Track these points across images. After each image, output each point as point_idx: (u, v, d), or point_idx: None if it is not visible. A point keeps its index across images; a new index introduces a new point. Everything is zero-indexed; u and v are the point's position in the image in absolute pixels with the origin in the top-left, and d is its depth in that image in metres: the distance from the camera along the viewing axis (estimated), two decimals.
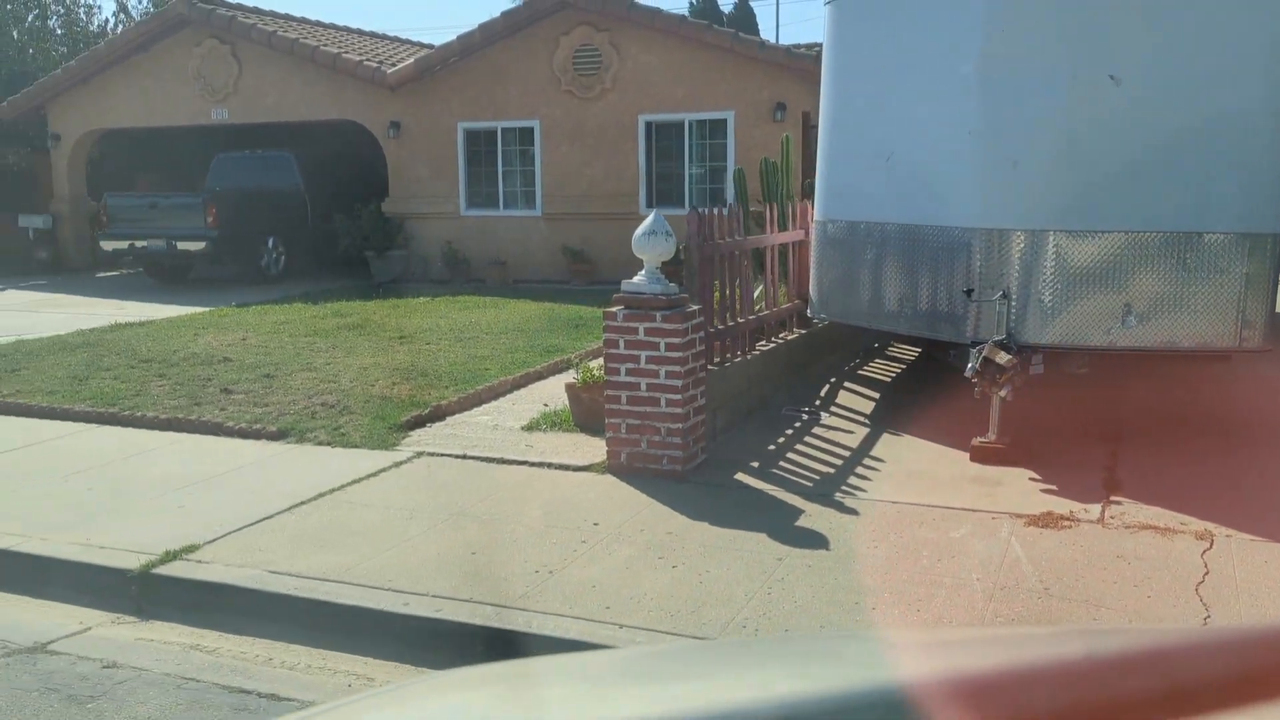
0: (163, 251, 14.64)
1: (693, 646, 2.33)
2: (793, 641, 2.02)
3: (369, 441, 6.05)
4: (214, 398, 7.14)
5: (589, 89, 14.18)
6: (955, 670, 0.90)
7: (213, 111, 16.50)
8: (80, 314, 12.02)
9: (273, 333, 9.75)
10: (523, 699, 1.07)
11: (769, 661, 1.17)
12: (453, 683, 1.24)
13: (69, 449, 6.17)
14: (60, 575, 4.34)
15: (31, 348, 9.29)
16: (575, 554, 4.29)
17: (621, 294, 5.40)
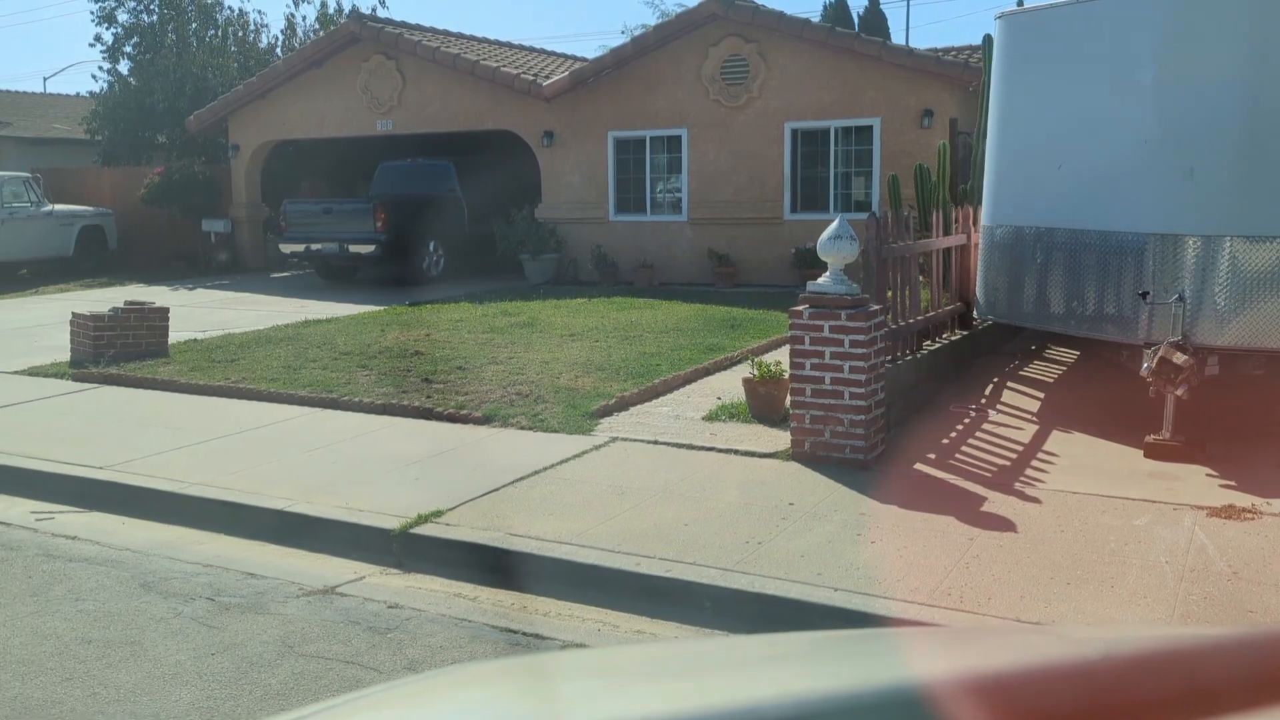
0: (335, 254, 15.76)
1: (709, 643, 2.34)
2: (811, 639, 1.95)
3: (566, 427, 6.63)
4: (417, 386, 7.86)
5: (736, 98, 14.63)
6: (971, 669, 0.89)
7: (378, 123, 17.61)
8: (269, 311, 13.11)
9: (452, 330, 10.52)
10: (539, 694, 1.06)
11: (787, 659, 1.17)
12: (468, 678, 1.23)
13: (303, 429, 6.95)
14: (330, 533, 5.02)
15: (239, 341, 10.29)
16: (779, 529, 4.73)
17: (807, 294, 5.81)
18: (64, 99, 27.17)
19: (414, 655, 3.76)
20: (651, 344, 9.44)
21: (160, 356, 9.39)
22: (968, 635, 1.55)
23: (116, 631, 3.94)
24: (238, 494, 5.49)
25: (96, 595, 4.34)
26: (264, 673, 3.60)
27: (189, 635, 3.91)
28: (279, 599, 4.30)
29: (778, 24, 14.13)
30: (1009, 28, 7.10)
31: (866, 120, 13.92)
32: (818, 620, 3.84)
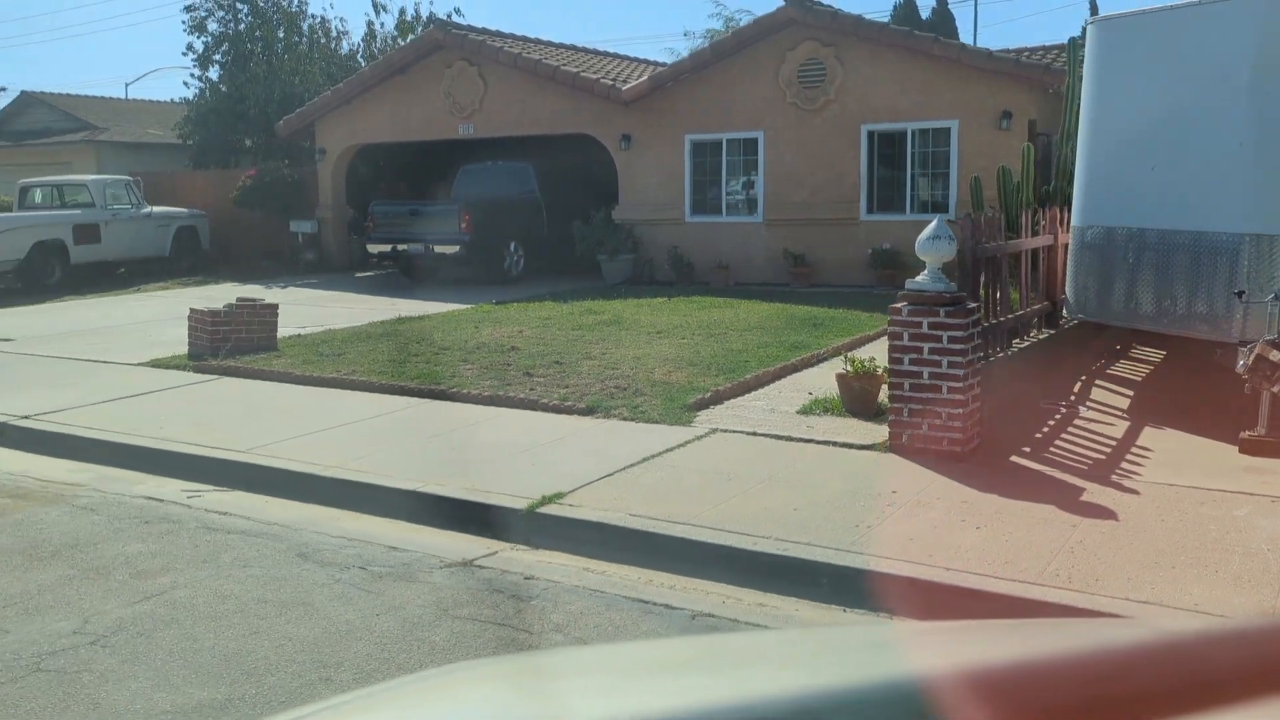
0: (420, 254, 16.30)
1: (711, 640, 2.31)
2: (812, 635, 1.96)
3: (666, 419, 6.95)
4: (519, 380, 8.24)
5: (813, 101, 14.83)
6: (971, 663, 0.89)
7: (459, 127, 18.14)
8: (361, 308, 13.65)
9: (541, 327, 10.91)
10: (539, 692, 1.05)
11: (788, 656, 1.16)
12: (468, 677, 1.21)
13: (416, 418, 7.37)
14: (460, 511, 5.39)
15: (341, 336, 10.79)
16: (885, 515, 4.99)
17: (906, 291, 6.05)
18: (156, 105, 28.29)
19: (558, 620, 4.10)
20: (737, 341, 9.72)
21: (271, 350, 9.92)
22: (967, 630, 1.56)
23: (287, 594, 4.34)
24: (369, 476, 5.90)
25: (260, 563, 4.76)
26: (426, 632, 3.96)
27: (351, 599, 4.30)
28: (424, 569, 4.67)
29: (856, 28, 14.31)
30: (1102, 32, 7.25)
31: (944, 122, 14.03)
32: (934, 597, 4.09)
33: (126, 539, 5.11)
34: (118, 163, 22.83)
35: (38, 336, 11.71)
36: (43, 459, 6.89)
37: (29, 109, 26.04)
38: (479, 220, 16.06)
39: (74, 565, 4.70)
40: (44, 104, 25.92)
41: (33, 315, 13.95)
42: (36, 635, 3.95)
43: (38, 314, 14.07)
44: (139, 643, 3.87)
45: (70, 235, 17.08)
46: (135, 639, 3.90)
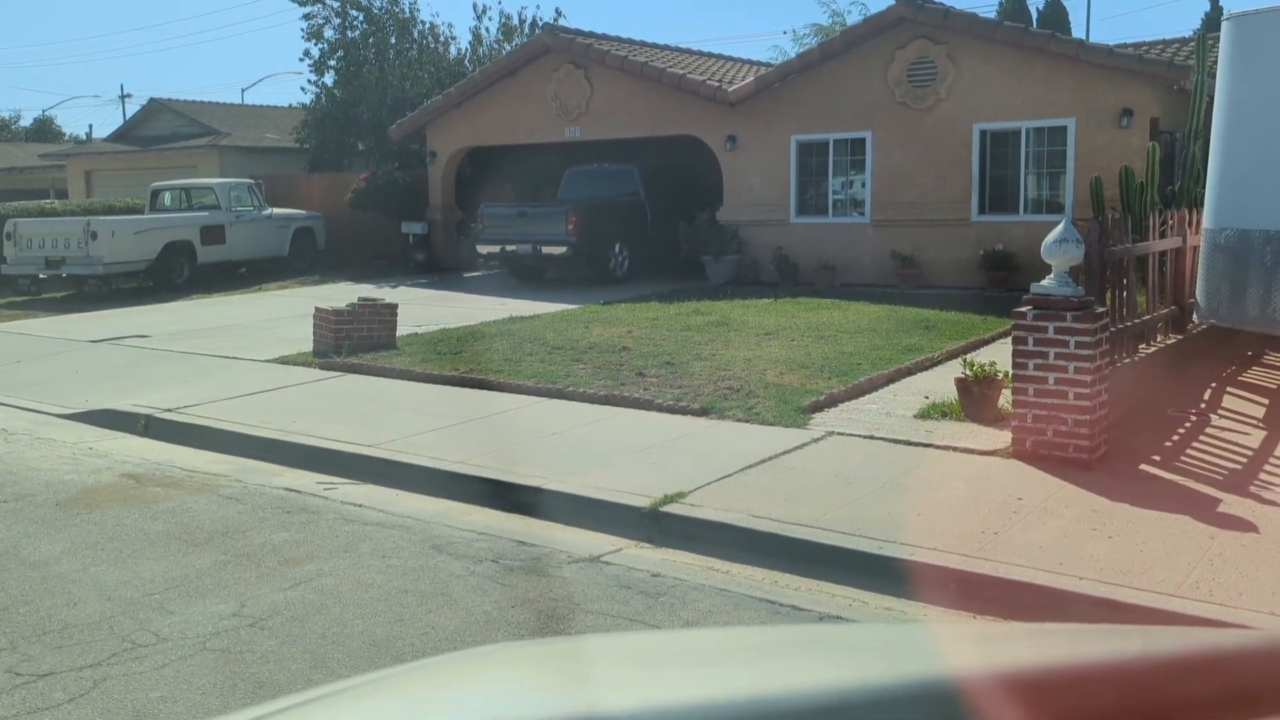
0: (528, 255, 16.62)
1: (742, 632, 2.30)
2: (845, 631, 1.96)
3: (781, 420, 6.98)
4: (632, 380, 8.37)
5: (923, 100, 14.61)
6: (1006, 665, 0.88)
7: (566, 129, 18.42)
8: (472, 308, 14.00)
9: (650, 327, 11.03)
10: (573, 676, 1.05)
11: (819, 649, 1.16)
12: (500, 659, 1.22)
13: (535, 416, 7.56)
14: (585, 509, 5.53)
15: (456, 335, 11.10)
16: (1011, 522, 4.93)
17: (1032, 295, 5.95)
18: (274, 110, 29.45)
19: (688, 617, 4.19)
20: (848, 343, 9.67)
21: (390, 348, 10.28)
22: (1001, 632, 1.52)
23: (425, 584, 4.54)
24: (494, 472, 6.09)
25: (397, 554, 4.97)
26: (562, 624, 4.10)
27: (487, 590, 4.46)
28: (553, 564, 4.82)
29: (969, 26, 14.05)
30: (1239, 29, 7.00)
31: (1060, 121, 13.66)
32: (1068, 606, 4.04)
33: (271, 527, 5.40)
34: (239, 166, 23.86)
35: (172, 333, 12.35)
36: (185, 450, 7.30)
37: (157, 115, 27.40)
38: (585, 222, 16.29)
39: (226, 551, 4.99)
40: (170, 110, 27.24)
41: (165, 313, 14.71)
42: (199, 617, 4.21)
43: (169, 312, 14.84)
44: (293, 626, 4.10)
45: (198, 236, 17.95)
46: (290, 623, 4.14)
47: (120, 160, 26.75)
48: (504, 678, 1.10)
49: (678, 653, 1.18)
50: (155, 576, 4.61)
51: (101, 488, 6.19)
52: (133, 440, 7.62)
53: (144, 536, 5.22)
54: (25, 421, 8.27)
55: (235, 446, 7.22)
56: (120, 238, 16.55)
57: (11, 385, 9.66)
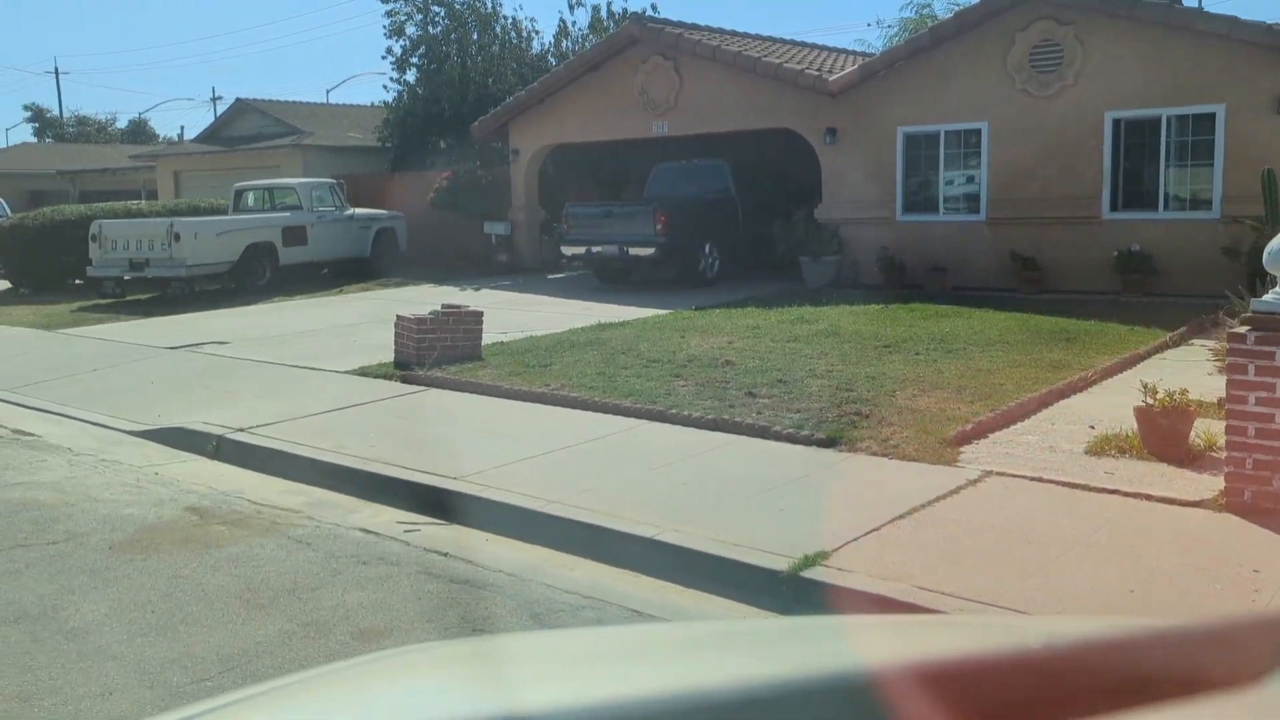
0: (614, 256, 15.83)
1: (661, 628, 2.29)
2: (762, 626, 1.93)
3: (925, 455, 6.02)
4: (741, 400, 7.48)
5: (1047, 86, 13.39)
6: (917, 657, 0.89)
7: (654, 125, 17.58)
8: (558, 313, 13.26)
9: (752, 337, 10.12)
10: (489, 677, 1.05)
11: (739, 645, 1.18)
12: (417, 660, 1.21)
13: (636, 442, 6.72)
14: (706, 567, 4.67)
15: (545, 344, 10.34)
16: (1252, 601, 3.92)
17: (1252, 314, 4.90)
18: (356, 109, 29.26)
19: None
20: (981, 359, 8.63)
21: (475, 359, 9.56)
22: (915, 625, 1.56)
23: None
24: (597, 515, 5.26)
25: (491, 624, 4.18)
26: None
27: None
28: None
29: (1099, 4, 12.78)
30: None
31: (1207, 107, 12.33)
32: None
33: (345, 584, 4.66)
34: (321, 165, 23.59)
35: (251, 340, 11.86)
36: (256, 476, 6.65)
37: (243, 115, 27.39)
38: (674, 221, 15.43)
39: (292, 618, 4.25)
40: (256, 110, 27.19)
41: (245, 317, 14.30)
42: None
43: (249, 316, 14.43)
44: None
45: (280, 237, 17.58)
46: None
47: (207, 160, 26.79)
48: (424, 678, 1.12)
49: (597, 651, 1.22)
50: (208, 654, 3.89)
51: (161, 526, 5.54)
52: (202, 464, 7.01)
53: (201, 594, 4.52)
54: (94, 439, 7.74)
55: (309, 474, 6.54)
56: (203, 239, 16.24)
57: (86, 396, 9.21)
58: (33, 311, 15.31)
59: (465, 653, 1.31)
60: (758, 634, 1.35)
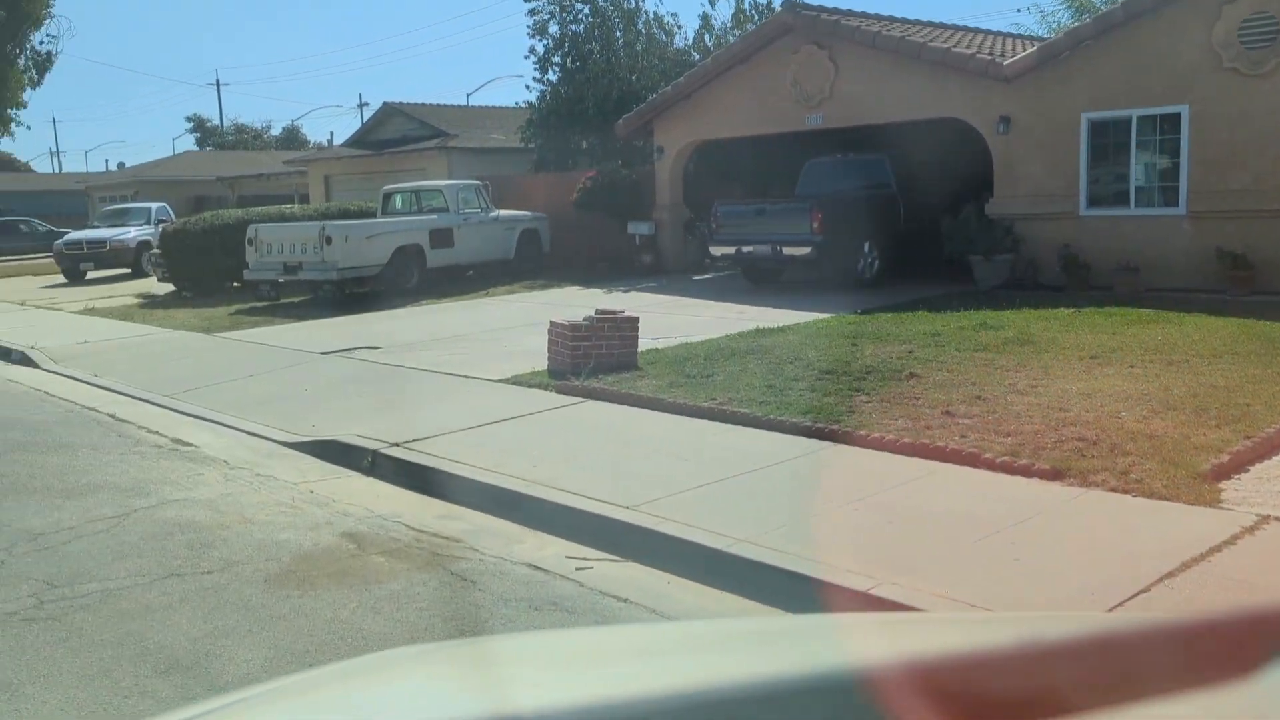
0: (767, 256, 15.07)
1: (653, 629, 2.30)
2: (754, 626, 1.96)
3: (1178, 493, 5.08)
4: (938, 421, 6.66)
5: (1260, 65, 11.94)
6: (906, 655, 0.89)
7: (806, 118, 16.74)
8: (710, 317, 12.61)
9: (933, 345, 9.23)
10: (481, 677, 1.05)
11: (729, 645, 1.20)
12: (410, 659, 1.23)
13: (824, 469, 6.00)
14: None
15: (702, 351, 9.71)
16: None
17: None
18: (498, 110, 29.38)
19: None
20: (1211, 373, 7.52)
21: (632, 369, 9.01)
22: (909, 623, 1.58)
23: None
24: (798, 561, 4.57)
25: None
26: None
27: None
28: None
29: None
30: None
31: None
32: None
33: (516, 633, 4.11)
34: (465, 167, 23.65)
35: (401, 344, 11.66)
36: (413, 498, 6.24)
37: (390, 119, 27.83)
38: (831, 219, 14.56)
39: None
40: (402, 114, 27.58)
41: (395, 320, 14.21)
42: None
43: (399, 319, 14.33)
44: None
45: (427, 240, 17.53)
46: None
47: (355, 164, 27.32)
48: (419, 679, 1.12)
49: (591, 651, 1.21)
50: None
51: (318, 554, 5.15)
52: (357, 481, 6.66)
53: (361, 641, 4.06)
54: (249, 451, 7.53)
55: (469, 496, 6.08)
56: (353, 242, 16.30)
57: (242, 403, 9.10)
58: (194, 314, 15.66)
59: (459, 654, 1.30)
60: (752, 634, 1.36)
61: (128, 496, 6.23)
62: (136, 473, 6.89)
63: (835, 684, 0.86)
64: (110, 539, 5.36)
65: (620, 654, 1.16)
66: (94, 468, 7.01)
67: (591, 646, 1.26)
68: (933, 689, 0.79)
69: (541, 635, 2.44)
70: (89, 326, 15.12)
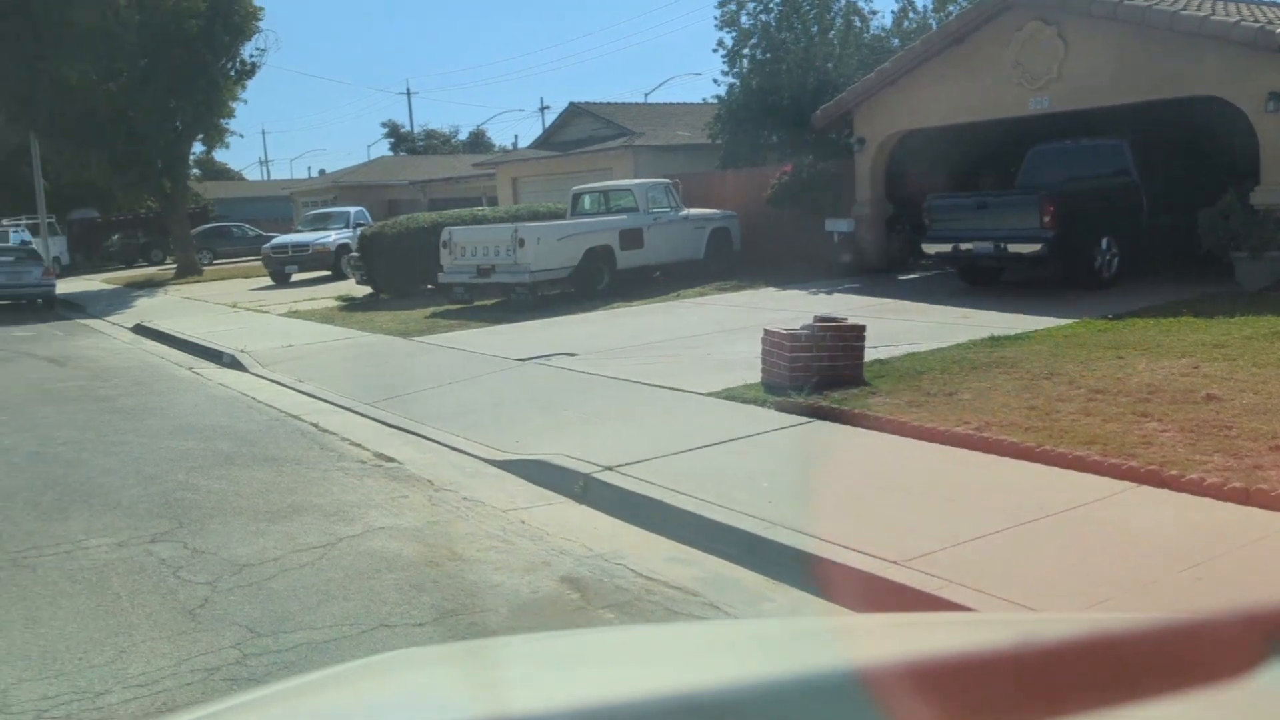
0: (988, 254, 13.69)
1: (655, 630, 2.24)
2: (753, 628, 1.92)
3: None
4: (1266, 457, 5.41)
5: None
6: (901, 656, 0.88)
7: (1030, 101, 15.20)
8: (929, 322, 11.47)
9: (1222, 360, 7.82)
10: (481, 679, 1.05)
11: (729, 647, 1.22)
12: (408, 661, 1.27)
13: (1129, 520, 4.90)
14: None
15: (935, 363, 8.65)
16: None
17: None
18: (683, 107, 28.80)
19: None
20: None
21: (858, 383, 8.06)
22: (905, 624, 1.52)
23: None
24: None
25: None
26: None
27: None
28: None
29: None
30: None
31: None
32: None
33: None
34: (651, 166, 23.15)
35: (598, 351, 11.13)
36: (634, 533, 5.55)
37: (575, 119, 27.73)
38: (1065, 212, 13.05)
39: None
40: (587, 113, 27.42)
41: (587, 325, 13.75)
42: None
43: (592, 323, 13.87)
44: None
45: (617, 241, 17.05)
46: None
47: (541, 165, 27.35)
48: (416, 682, 1.12)
49: (588, 653, 1.23)
50: None
51: (539, 605, 4.51)
52: (569, 510, 6.04)
53: None
54: (453, 469, 7.08)
55: (696, 534, 5.34)
56: (545, 244, 16.00)
57: (441, 413, 8.74)
58: (390, 317, 15.74)
59: (458, 655, 1.30)
60: (748, 636, 1.34)
61: (333, 522, 5.82)
62: (340, 493, 6.52)
63: (834, 685, 0.87)
64: (316, 575, 4.91)
65: (619, 656, 1.18)
66: (298, 486, 6.70)
67: (591, 648, 1.26)
68: (931, 690, 0.79)
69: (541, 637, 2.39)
70: (293, 329, 15.44)
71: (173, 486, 6.71)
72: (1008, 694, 0.80)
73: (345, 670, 1.21)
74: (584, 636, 1.90)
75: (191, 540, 5.47)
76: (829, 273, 17.53)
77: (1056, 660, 0.84)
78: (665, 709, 0.81)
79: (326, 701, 1.06)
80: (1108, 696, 0.79)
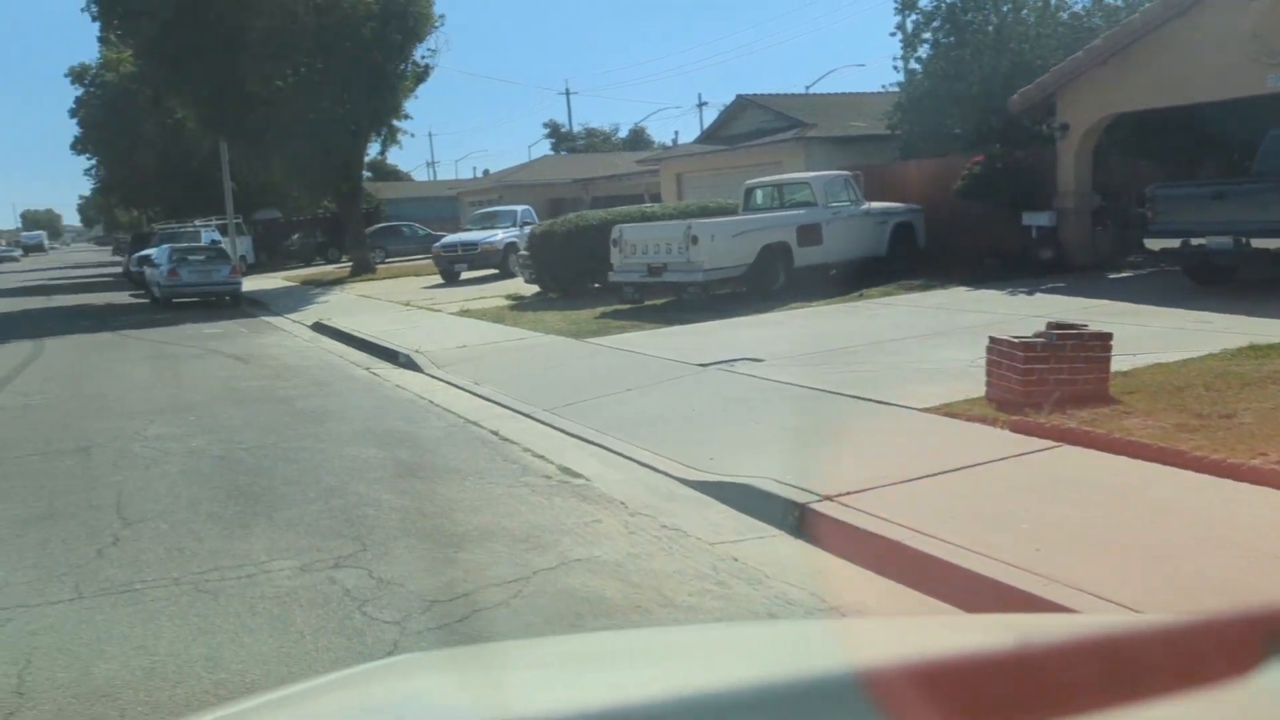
0: (1225, 250, 12.11)
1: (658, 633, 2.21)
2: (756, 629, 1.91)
3: None
4: None
5: None
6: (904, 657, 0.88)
7: (1268, 78, 13.43)
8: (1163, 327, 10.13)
9: None
10: (485, 683, 1.05)
11: (733, 649, 1.22)
12: (412, 666, 1.30)
13: None
14: None
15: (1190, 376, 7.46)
16: None
17: None
18: (856, 97, 27.53)
19: None
20: None
21: (1105, 401, 6.98)
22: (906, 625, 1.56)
23: None
24: None
25: None
26: None
27: None
28: None
29: None
30: None
31: None
32: None
33: None
34: (824, 158, 22.08)
35: (783, 356, 10.33)
36: (869, 581, 4.74)
37: (744, 112, 26.89)
38: None
39: None
40: (756, 106, 26.53)
41: (766, 327, 12.97)
42: None
43: (771, 325, 13.07)
44: None
45: (794, 237, 16.16)
46: None
47: (706, 161, 26.64)
48: (421, 685, 1.11)
49: (593, 656, 1.23)
50: None
51: None
52: (784, 546, 5.28)
53: None
54: (646, 489, 6.44)
55: (953, 589, 4.48)
56: (719, 241, 15.28)
57: (623, 423, 8.14)
58: (560, 317, 15.37)
59: (464, 659, 1.29)
60: (753, 638, 1.34)
61: (524, 550, 5.27)
62: (528, 513, 5.98)
63: (835, 687, 0.86)
64: (512, 618, 4.33)
65: (623, 658, 1.17)
66: (483, 504, 6.20)
67: (595, 651, 1.27)
68: (933, 691, 0.78)
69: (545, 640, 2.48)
70: (466, 329, 15.28)
71: (354, 501, 6.33)
72: (1009, 695, 0.79)
73: (353, 674, 1.22)
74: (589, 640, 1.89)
75: (376, 567, 5.01)
76: (1026, 270, 16.10)
77: (1056, 660, 0.83)
78: (670, 712, 0.82)
79: (334, 705, 1.06)
80: (1108, 697, 0.79)
